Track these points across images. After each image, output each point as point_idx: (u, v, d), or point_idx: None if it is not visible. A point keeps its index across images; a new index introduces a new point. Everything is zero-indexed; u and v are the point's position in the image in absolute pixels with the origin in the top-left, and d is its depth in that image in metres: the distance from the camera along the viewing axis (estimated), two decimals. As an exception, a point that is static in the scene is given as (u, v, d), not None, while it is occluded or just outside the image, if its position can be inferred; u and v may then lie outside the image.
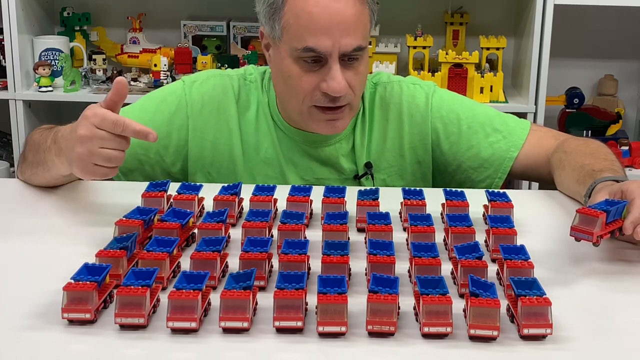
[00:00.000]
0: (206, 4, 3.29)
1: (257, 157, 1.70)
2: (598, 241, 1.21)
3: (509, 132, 1.71)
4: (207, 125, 1.70)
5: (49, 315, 1.07)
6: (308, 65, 1.54)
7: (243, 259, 1.15)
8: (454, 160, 1.72)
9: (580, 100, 3.11)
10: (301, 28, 1.51)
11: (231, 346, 1.01)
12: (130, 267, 1.14)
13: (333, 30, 1.50)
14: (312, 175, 1.70)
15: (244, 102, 1.71)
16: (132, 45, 3.21)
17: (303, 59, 1.54)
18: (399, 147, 1.72)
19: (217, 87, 1.72)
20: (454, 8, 3.16)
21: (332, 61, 1.53)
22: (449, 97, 1.75)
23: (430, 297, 1.02)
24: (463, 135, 1.71)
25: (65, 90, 2.99)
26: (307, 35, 1.51)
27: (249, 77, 1.73)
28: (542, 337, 1.03)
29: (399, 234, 1.33)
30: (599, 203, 1.24)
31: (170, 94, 1.73)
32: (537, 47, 2.83)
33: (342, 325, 1.02)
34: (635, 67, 3.30)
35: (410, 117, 1.71)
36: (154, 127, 1.67)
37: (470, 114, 1.72)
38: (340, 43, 1.51)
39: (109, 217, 1.35)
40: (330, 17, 1.50)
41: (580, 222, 1.21)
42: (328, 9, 1.50)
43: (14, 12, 2.89)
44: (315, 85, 1.55)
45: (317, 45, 1.51)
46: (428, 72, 2.94)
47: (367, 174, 1.70)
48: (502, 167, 1.70)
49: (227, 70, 1.77)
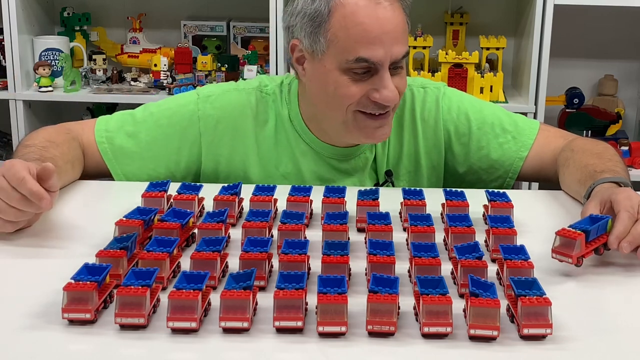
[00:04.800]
0: (206, 4, 3.29)
1: (277, 172, 1.68)
2: (579, 262, 1.21)
3: (519, 132, 1.71)
4: (221, 141, 1.68)
5: (49, 315, 1.07)
6: (358, 76, 1.52)
7: (243, 259, 1.15)
8: (465, 161, 1.72)
9: (580, 100, 3.10)
10: (352, 39, 1.50)
11: (231, 346, 1.01)
12: (130, 267, 1.14)
13: (384, 40, 1.50)
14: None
15: (262, 117, 1.68)
16: (132, 45, 3.21)
17: (353, 70, 1.52)
18: (414, 153, 1.71)
19: (233, 102, 1.69)
20: (454, 8, 3.16)
21: (383, 70, 1.52)
22: (457, 98, 1.74)
23: (430, 297, 1.02)
24: (473, 137, 1.71)
25: (66, 91, 2.99)
26: (359, 46, 1.50)
27: (264, 89, 1.70)
28: (542, 337, 1.03)
29: (399, 234, 1.33)
30: (582, 221, 1.24)
31: (183, 106, 1.70)
32: (537, 47, 2.83)
33: (342, 325, 1.02)
34: (635, 67, 3.30)
35: (423, 122, 1.71)
36: (166, 142, 1.68)
37: (480, 115, 1.72)
38: (392, 52, 1.51)
39: (109, 217, 1.35)
40: (381, 27, 1.50)
41: (559, 245, 1.22)
42: (378, 19, 1.50)
43: (14, 12, 2.89)
44: (363, 94, 1.53)
45: (370, 56, 1.50)
46: (428, 72, 2.94)
47: (388, 182, 1.69)
48: (512, 167, 1.70)
49: (241, 84, 1.73)
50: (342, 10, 1.50)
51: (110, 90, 3.01)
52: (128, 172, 1.68)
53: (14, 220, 1.31)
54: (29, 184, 1.26)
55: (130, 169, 1.68)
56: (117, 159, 1.68)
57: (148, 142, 1.68)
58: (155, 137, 1.68)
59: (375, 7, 1.50)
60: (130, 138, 1.68)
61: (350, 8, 1.50)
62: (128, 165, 1.68)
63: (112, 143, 1.68)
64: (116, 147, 1.68)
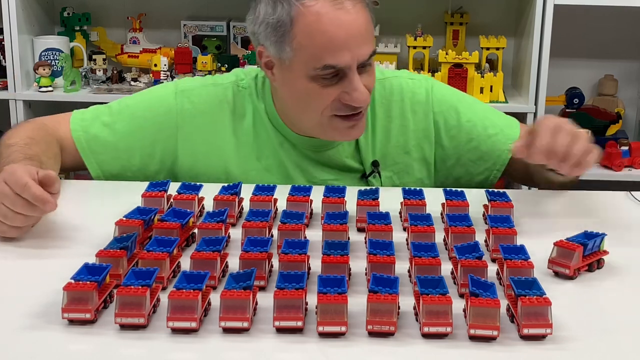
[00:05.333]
0: (206, 4, 3.29)
1: (259, 164, 1.68)
2: (575, 274, 1.21)
3: (505, 125, 1.73)
4: (199, 135, 1.67)
5: (49, 315, 1.07)
6: (326, 81, 1.52)
7: (243, 259, 1.15)
8: (453, 154, 1.72)
9: (580, 100, 3.10)
10: (318, 47, 1.49)
11: (231, 346, 1.01)
12: (130, 267, 1.14)
13: (350, 44, 1.49)
14: (319, 178, 1.68)
15: (240, 111, 1.69)
16: (132, 45, 3.21)
17: (322, 76, 1.51)
18: (404, 144, 1.71)
19: (210, 97, 1.69)
20: (454, 8, 3.15)
21: (351, 73, 1.51)
22: (447, 91, 1.76)
23: (430, 297, 1.02)
24: (463, 129, 1.71)
25: (66, 91, 2.99)
26: (325, 54, 1.49)
27: (241, 83, 1.70)
28: (542, 337, 1.03)
29: (399, 234, 1.33)
30: (577, 235, 1.24)
31: (160, 99, 1.70)
32: (537, 47, 2.83)
33: (342, 325, 1.02)
34: (635, 67, 3.29)
35: (413, 113, 1.71)
36: (141, 134, 1.68)
37: (469, 108, 1.73)
38: (358, 54, 1.50)
39: (109, 217, 1.35)
40: (345, 32, 1.49)
41: (557, 255, 1.22)
42: (342, 25, 1.49)
43: (14, 12, 2.89)
44: (334, 98, 1.53)
45: (337, 62, 1.49)
46: (428, 72, 2.94)
47: (374, 173, 1.70)
48: (500, 159, 1.71)
49: (218, 78, 1.73)
50: (305, 19, 1.49)
51: (110, 90, 3.01)
52: (102, 162, 1.67)
53: (20, 226, 1.32)
54: (33, 189, 1.27)
55: (104, 158, 1.67)
56: (91, 148, 1.67)
57: (123, 133, 1.68)
58: (130, 129, 1.68)
59: (338, 12, 1.49)
60: (105, 127, 1.68)
61: (312, 16, 1.48)
62: (101, 155, 1.67)
63: (86, 132, 1.68)
64: (90, 135, 1.68)
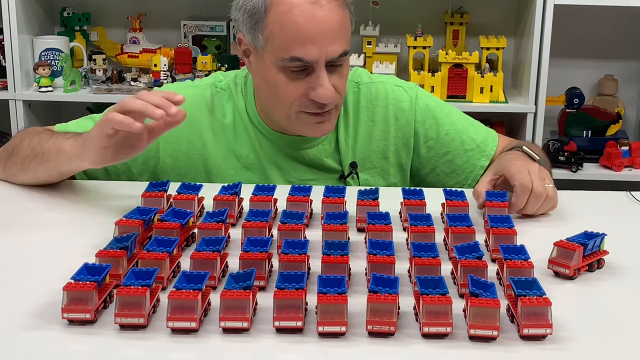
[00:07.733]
0: (206, 4, 3.29)
1: (239, 163, 1.69)
2: (575, 274, 1.21)
3: (482, 141, 1.74)
4: (179, 136, 1.68)
5: (49, 315, 1.07)
6: (294, 74, 1.53)
7: (243, 259, 1.15)
8: (428, 164, 1.74)
9: (580, 101, 3.10)
10: (287, 38, 1.51)
11: (231, 346, 1.01)
12: (130, 267, 1.14)
13: (319, 39, 1.50)
14: (297, 177, 1.70)
15: (218, 110, 1.70)
16: (132, 45, 3.21)
17: (290, 68, 1.53)
18: (383, 149, 1.73)
19: (188, 98, 1.65)
20: (454, 8, 3.15)
21: (319, 69, 1.52)
22: (430, 102, 1.76)
23: (430, 297, 1.02)
24: (440, 141, 1.73)
25: (65, 91, 2.99)
26: (293, 45, 1.50)
27: (219, 84, 1.72)
28: (542, 337, 1.03)
29: (399, 234, 1.33)
30: (577, 235, 1.24)
31: None
32: (537, 47, 2.83)
33: (342, 325, 1.02)
34: (635, 67, 3.29)
35: (396, 120, 1.72)
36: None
37: (449, 121, 1.74)
38: (327, 51, 1.51)
39: (109, 217, 1.35)
40: (316, 26, 1.50)
41: (557, 255, 1.22)
42: (313, 18, 1.50)
43: (14, 12, 2.89)
44: (302, 93, 1.55)
45: (304, 55, 1.50)
46: (428, 72, 2.94)
47: (353, 174, 1.70)
48: (472, 174, 1.73)
49: (196, 81, 1.77)
50: (278, 8, 1.51)
51: (110, 90, 3.01)
52: None
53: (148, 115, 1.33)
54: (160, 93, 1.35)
55: None
56: None
57: None
58: None
59: (312, 6, 1.50)
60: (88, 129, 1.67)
61: (286, 6, 1.50)
62: None
63: None
64: None
